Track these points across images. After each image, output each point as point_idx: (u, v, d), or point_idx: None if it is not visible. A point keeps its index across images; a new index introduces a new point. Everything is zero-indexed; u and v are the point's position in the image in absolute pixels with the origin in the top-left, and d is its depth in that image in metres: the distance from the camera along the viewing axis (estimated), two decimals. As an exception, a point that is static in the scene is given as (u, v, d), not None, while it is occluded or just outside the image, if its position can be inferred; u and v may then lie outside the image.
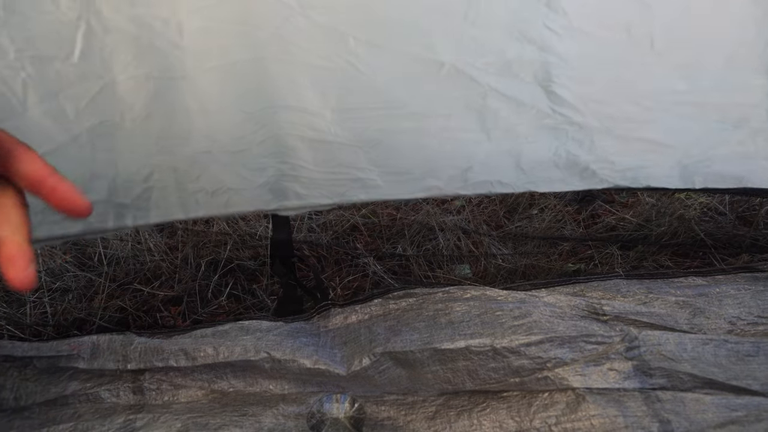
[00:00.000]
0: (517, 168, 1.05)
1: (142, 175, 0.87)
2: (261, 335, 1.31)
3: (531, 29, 0.87)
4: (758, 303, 1.37)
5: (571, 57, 0.91)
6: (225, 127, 0.87)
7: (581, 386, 1.23)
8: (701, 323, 1.34)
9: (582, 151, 1.01)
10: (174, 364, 1.26)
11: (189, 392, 1.28)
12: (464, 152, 0.98)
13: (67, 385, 1.26)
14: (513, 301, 1.35)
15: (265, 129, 0.90)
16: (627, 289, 1.42)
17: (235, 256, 1.68)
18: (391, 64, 0.85)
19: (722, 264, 1.64)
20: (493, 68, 0.89)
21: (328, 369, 1.25)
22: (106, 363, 1.27)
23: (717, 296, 1.38)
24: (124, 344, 1.29)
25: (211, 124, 0.86)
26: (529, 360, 1.25)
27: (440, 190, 1.04)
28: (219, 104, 0.84)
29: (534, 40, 0.88)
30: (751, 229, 1.83)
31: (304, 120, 0.89)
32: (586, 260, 1.75)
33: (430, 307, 1.36)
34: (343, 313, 1.39)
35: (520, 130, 0.97)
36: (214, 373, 1.28)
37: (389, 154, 0.94)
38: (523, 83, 0.92)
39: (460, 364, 1.26)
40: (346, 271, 1.68)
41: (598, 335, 1.27)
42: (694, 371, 1.23)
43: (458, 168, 1.01)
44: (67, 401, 1.25)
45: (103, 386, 1.26)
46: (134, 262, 1.64)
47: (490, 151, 0.99)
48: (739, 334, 1.34)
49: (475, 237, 1.74)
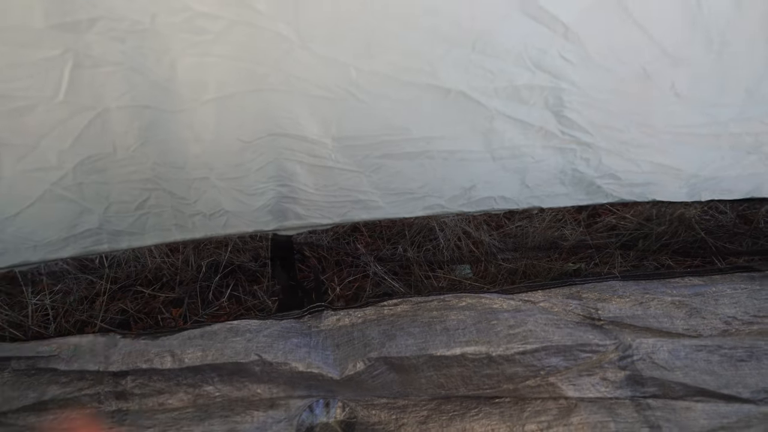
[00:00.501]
0: (522, 185, 1.05)
1: (136, 202, 0.87)
2: (251, 336, 1.31)
3: (545, 59, 0.86)
4: (754, 302, 1.37)
5: (585, 85, 0.90)
6: (223, 155, 0.87)
7: (574, 395, 1.25)
8: (697, 324, 1.35)
9: (589, 169, 1.00)
10: (159, 366, 1.24)
11: (173, 397, 1.26)
12: (468, 172, 0.97)
13: (47, 389, 1.22)
14: (509, 309, 1.36)
15: (263, 156, 0.89)
16: (623, 290, 1.43)
17: (236, 258, 1.69)
18: (395, 92, 0.84)
19: (722, 263, 1.64)
20: (502, 94, 0.88)
21: (321, 373, 1.25)
22: (87, 364, 1.24)
23: (713, 296, 1.39)
24: (107, 345, 1.27)
25: (209, 152, 0.85)
26: (524, 368, 1.26)
27: (442, 207, 1.05)
28: (216, 134, 0.83)
29: (547, 68, 0.87)
30: (751, 227, 1.82)
31: (304, 147, 0.88)
32: (586, 259, 1.75)
33: (425, 314, 1.37)
34: (336, 315, 1.39)
35: (526, 150, 0.97)
36: (200, 377, 1.27)
37: (391, 178, 0.94)
38: (532, 108, 0.91)
39: (455, 371, 1.28)
40: (347, 272, 1.69)
41: (592, 344, 1.28)
42: (686, 380, 1.25)
43: (461, 188, 1.01)
44: (46, 407, 1.22)
45: (84, 391, 1.23)
46: (135, 264, 1.65)
47: (494, 170, 0.99)
48: (734, 333, 1.35)
49: (476, 237, 1.74)
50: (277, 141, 0.87)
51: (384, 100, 0.84)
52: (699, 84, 0.94)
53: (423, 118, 0.89)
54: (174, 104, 0.78)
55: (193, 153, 0.85)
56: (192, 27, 0.70)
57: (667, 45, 0.90)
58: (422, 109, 0.87)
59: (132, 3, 0.67)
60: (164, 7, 0.68)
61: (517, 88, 0.88)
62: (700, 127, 0.99)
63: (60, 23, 0.66)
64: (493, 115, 0.90)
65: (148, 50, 0.72)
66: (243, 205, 0.94)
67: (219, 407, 1.26)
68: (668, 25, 0.88)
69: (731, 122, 0.99)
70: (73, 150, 0.80)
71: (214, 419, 1.23)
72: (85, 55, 0.70)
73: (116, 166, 0.84)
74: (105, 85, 0.74)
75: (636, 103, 0.94)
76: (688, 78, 0.93)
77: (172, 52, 0.72)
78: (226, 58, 0.75)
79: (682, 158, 1.03)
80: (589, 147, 1.01)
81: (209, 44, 0.73)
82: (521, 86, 0.88)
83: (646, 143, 0.99)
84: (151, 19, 0.69)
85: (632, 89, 0.93)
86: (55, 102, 0.74)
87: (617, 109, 0.94)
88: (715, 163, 1.05)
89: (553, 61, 0.86)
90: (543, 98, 0.90)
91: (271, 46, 0.75)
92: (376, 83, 0.82)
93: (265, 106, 0.82)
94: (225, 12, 0.70)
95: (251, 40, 0.74)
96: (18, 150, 0.79)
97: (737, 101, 0.97)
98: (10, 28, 0.66)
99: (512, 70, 0.86)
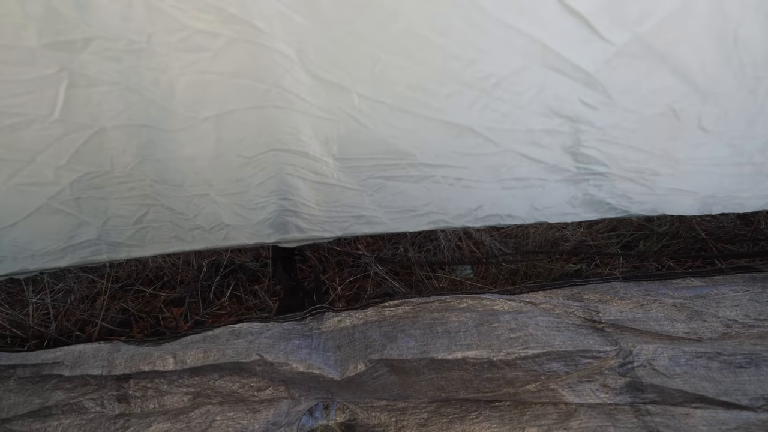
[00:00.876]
0: (531, 207, 1.03)
1: (135, 217, 0.86)
2: (253, 338, 1.31)
3: (564, 106, 0.83)
4: (755, 305, 1.37)
5: (605, 125, 0.87)
6: (222, 171, 0.85)
7: (574, 400, 1.26)
8: (697, 327, 1.35)
9: (601, 193, 0.99)
10: (161, 368, 1.25)
11: (175, 399, 1.27)
12: (474, 197, 0.96)
13: (51, 395, 1.24)
14: (510, 311, 1.36)
15: (264, 171, 0.88)
16: (624, 291, 1.42)
17: (237, 258, 1.69)
18: (399, 121, 0.82)
19: (723, 263, 1.64)
20: (517, 135, 0.85)
21: (322, 373, 1.25)
22: (91, 369, 1.25)
23: (714, 298, 1.39)
24: (110, 351, 1.28)
25: (208, 168, 0.84)
26: (524, 372, 1.27)
27: (446, 223, 1.03)
28: (216, 151, 0.81)
29: (566, 114, 0.84)
30: (752, 229, 1.81)
31: (306, 163, 0.87)
32: (587, 260, 1.75)
33: (426, 316, 1.36)
34: (337, 317, 1.39)
35: (538, 183, 0.95)
36: (201, 377, 1.27)
37: (395, 197, 0.92)
38: (547, 149, 0.88)
39: (456, 374, 1.28)
40: (348, 272, 1.68)
41: (593, 350, 1.28)
42: (686, 387, 1.25)
43: (467, 208, 1.00)
44: (50, 412, 1.23)
45: (87, 395, 1.24)
46: (136, 263, 1.65)
47: (503, 197, 0.97)
48: (734, 336, 1.35)
49: (477, 238, 1.73)
50: (279, 156, 0.85)
51: (388, 128, 0.82)
52: (728, 118, 0.92)
53: (428, 146, 0.87)
54: (172, 123, 0.77)
55: (191, 170, 0.83)
56: (190, 45, 0.68)
57: (699, 83, 0.88)
58: (428, 138, 0.85)
59: (128, 22, 0.65)
60: (161, 27, 0.66)
61: (532, 131, 0.86)
62: (723, 158, 0.99)
63: (54, 42, 0.64)
64: (504, 151, 0.88)
65: (144, 69, 0.70)
66: (244, 219, 0.93)
67: (220, 411, 1.26)
68: (700, 62, 0.85)
69: (756, 153, 0.98)
70: (70, 166, 0.79)
71: (215, 419, 1.24)
72: (80, 74, 0.68)
73: (114, 183, 0.83)
74: (101, 105, 0.73)
75: (660, 138, 0.93)
76: (716, 113, 0.91)
77: (170, 71, 0.70)
78: (226, 75, 0.73)
79: (700, 184, 1.01)
80: (603, 176, 0.99)
81: (208, 62, 0.71)
82: (537, 131, 0.86)
83: (665, 173, 0.97)
84: (148, 39, 0.67)
85: (657, 127, 0.91)
86: (50, 120, 0.72)
87: (638, 144, 0.92)
88: (733, 187, 1.03)
89: (572, 107, 0.83)
90: (560, 143, 0.88)
91: (272, 64, 0.72)
92: (379, 110, 0.79)
93: (267, 122, 0.80)
94: (224, 29, 0.68)
95: (252, 58, 0.72)
96: (12, 165, 0.78)
97: (765, 133, 0.96)
98: (3, 47, 0.64)
99: (528, 116, 0.84)
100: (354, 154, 0.85)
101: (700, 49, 0.84)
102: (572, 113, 0.85)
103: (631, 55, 0.81)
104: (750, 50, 0.85)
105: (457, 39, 0.73)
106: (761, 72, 0.88)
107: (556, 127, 0.86)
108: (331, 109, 0.78)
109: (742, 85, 0.89)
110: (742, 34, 0.83)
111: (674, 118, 0.91)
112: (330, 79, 0.75)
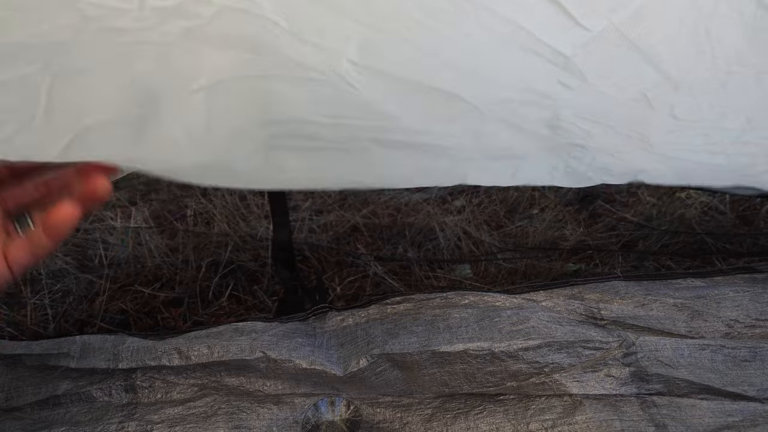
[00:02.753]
0: (512, 178, 1.05)
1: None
2: (256, 336, 1.32)
3: (543, 86, 0.86)
4: (756, 306, 1.37)
5: (582, 106, 0.90)
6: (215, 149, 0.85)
7: (578, 392, 1.24)
8: (699, 326, 1.35)
9: (581, 166, 1.01)
10: (167, 363, 1.26)
11: (181, 389, 1.27)
12: (457, 168, 0.97)
13: (59, 384, 1.25)
14: (511, 307, 1.36)
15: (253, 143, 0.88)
16: (625, 291, 1.43)
17: (236, 258, 1.69)
18: (388, 86, 0.84)
19: (723, 264, 1.64)
20: (499, 103, 0.88)
21: (325, 369, 1.25)
22: (97, 362, 1.26)
23: (715, 298, 1.38)
24: (115, 344, 1.29)
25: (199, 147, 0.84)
26: (527, 364, 1.25)
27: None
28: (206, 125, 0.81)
29: (545, 93, 0.87)
30: (752, 228, 1.83)
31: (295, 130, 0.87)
32: (586, 260, 1.76)
33: (427, 312, 1.36)
34: (340, 316, 1.39)
35: (519, 152, 0.97)
36: (206, 373, 1.28)
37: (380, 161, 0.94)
38: (526, 118, 0.91)
39: (458, 367, 1.27)
40: (347, 272, 1.68)
41: (596, 341, 1.28)
42: (691, 377, 1.24)
43: (450, 180, 1.01)
44: (58, 401, 1.24)
45: (95, 385, 1.25)
46: (135, 263, 1.64)
47: (485, 167, 0.99)
48: (736, 337, 1.34)
49: (476, 237, 1.74)
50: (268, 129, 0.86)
51: (377, 92, 0.84)
52: (700, 109, 0.95)
53: (415, 111, 0.88)
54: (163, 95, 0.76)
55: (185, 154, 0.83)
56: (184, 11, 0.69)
57: (672, 73, 0.90)
58: (415, 102, 0.87)
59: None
60: None
61: (511, 100, 0.88)
62: (697, 146, 1.01)
63: None
64: (486, 117, 0.90)
65: None
66: None
67: (225, 403, 1.26)
68: (673, 53, 0.87)
69: (729, 145, 1.01)
70: None
71: (219, 416, 1.23)
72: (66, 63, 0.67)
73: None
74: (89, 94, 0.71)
75: (634, 122, 0.95)
76: (689, 103, 0.94)
77: None
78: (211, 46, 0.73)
79: (676, 165, 1.04)
80: (582, 148, 1.01)
81: None
82: (517, 101, 0.88)
83: (641, 153, 0.99)
84: None
85: (631, 112, 0.94)
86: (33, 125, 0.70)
87: (614, 125, 0.95)
88: (709, 168, 1.06)
89: (552, 87, 0.86)
90: (539, 116, 0.91)
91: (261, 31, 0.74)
92: (369, 75, 0.81)
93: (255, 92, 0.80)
94: None
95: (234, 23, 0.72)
96: None
97: (737, 127, 0.98)
98: None
99: (509, 91, 0.87)
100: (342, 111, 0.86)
101: (673, 41, 0.86)
102: (552, 92, 0.87)
103: (606, 42, 0.83)
104: (723, 45, 0.87)
105: (445, 21, 0.76)
106: (733, 67, 0.90)
107: (535, 101, 0.89)
108: (321, 69, 0.79)
109: (715, 77, 0.91)
110: (714, 29, 0.85)
111: (647, 105, 0.93)
112: (320, 43, 0.76)
